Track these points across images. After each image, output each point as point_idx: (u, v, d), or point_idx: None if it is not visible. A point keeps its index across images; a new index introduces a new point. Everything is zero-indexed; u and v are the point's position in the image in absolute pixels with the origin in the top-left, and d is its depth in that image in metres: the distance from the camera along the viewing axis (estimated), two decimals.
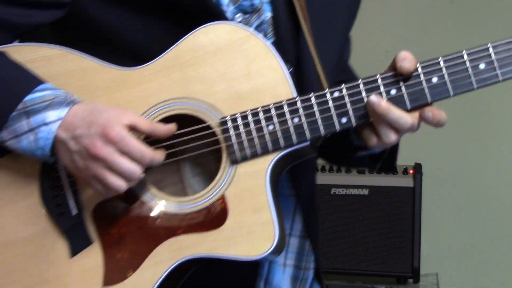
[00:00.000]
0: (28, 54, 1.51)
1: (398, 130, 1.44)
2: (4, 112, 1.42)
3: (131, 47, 1.55)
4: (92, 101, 1.49)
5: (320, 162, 2.74)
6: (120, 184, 1.40)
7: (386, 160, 1.66)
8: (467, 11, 3.73)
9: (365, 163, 1.69)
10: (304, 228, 1.70)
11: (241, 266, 1.56)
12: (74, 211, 1.48)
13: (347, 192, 3.35)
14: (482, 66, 1.42)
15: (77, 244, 1.48)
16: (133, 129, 1.43)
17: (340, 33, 1.71)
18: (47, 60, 1.52)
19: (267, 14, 1.61)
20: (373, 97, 1.42)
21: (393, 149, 1.64)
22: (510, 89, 3.61)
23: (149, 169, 1.46)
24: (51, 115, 1.41)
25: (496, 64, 1.41)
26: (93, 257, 1.48)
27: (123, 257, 1.47)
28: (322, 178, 1.78)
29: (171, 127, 1.46)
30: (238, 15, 1.59)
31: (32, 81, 1.45)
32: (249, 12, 1.59)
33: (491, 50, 1.42)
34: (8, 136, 1.43)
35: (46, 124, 1.41)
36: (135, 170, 1.40)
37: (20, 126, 1.42)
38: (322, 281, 1.77)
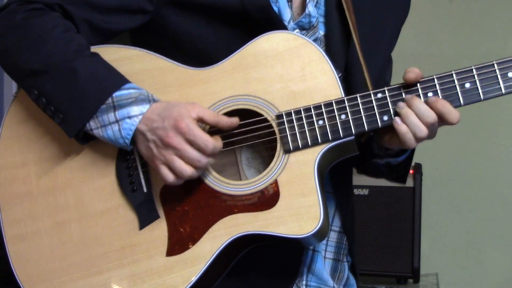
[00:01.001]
0: (112, 54, 1.74)
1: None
2: (95, 104, 1.64)
3: (200, 52, 1.77)
4: (166, 95, 1.71)
5: None
6: (186, 169, 1.60)
7: (401, 171, 1.85)
8: (467, 11, 3.78)
9: (382, 171, 1.87)
10: (341, 224, 1.88)
11: (287, 251, 1.74)
12: (145, 189, 1.69)
13: None
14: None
15: (146, 218, 1.68)
16: (200, 121, 1.64)
17: (385, 50, 1.92)
18: (129, 59, 1.75)
19: (320, 32, 1.82)
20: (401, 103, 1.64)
21: (407, 162, 1.83)
22: None
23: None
24: (135, 110, 1.64)
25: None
26: (159, 230, 1.68)
27: (185, 231, 1.67)
28: None
29: (234, 120, 1.66)
30: (296, 31, 1.81)
31: (120, 80, 1.67)
32: (306, 29, 1.81)
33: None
34: (96, 125, 1.65)
35: (130, 117, 1.63)
36: (199, 158, 1.60)
37: (107, 117, 1.64)
38: (357, 274, 1.94)
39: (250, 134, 1.70)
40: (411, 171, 3.34)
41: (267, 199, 1.64)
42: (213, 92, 1.71)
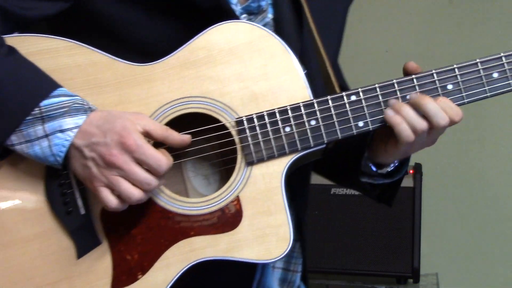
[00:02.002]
0: (32, 46, 1.45)
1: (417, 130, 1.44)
2: (17, 116, 1.36)
3: (138, 43, 1.51)
4: (103, 96, 1.45)
5: None
6: (133, 192, 1.36)
7: (386, 190, 1.67)
8: (466, 11, 3.76)
9: (365, 188, 1.69)
10: (295, 231, 1.70)
11: (238, 268, 1.55)
12: (82, 211, 1.43)
13: (347, 192, 3.36)
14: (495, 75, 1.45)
15: (85, 245, 1.43)
16: (146, 135, 1.39)
17: (338, 30, 1.73)
18: (54, 52, 1.46)
19: (269, 15, 1.61)
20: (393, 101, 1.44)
21: (396, 184, 1.66)
22: None
23: None
24: (69, 122, 1.37)
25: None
26: (101, 258, 1.43)
27: (133, 259, 1.43)
28: (322, 178, 1.77)
29: (186, 138, 1.42)
30: (244, 15, 1.58)
31: (48, 84, 1.39)
32: (254, 13, 1.58)
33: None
34: (18, 140, 1.38)
35: (62, 131, 1.37)
36: (150, 180, 1.37)
37: (34, 131, 1.37)
38: (307, 281, 1.78)
39: (204, 145, 1.47)
40: (411, 171, 3.31)
41: (228, 219, 1.43)
42: (159, 93, 1.46)
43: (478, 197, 3.77)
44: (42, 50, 1.45)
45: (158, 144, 1.43)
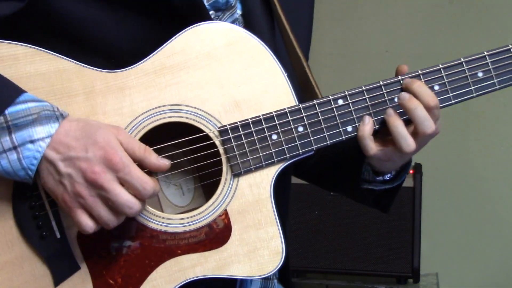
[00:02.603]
0: None
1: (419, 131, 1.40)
2: None
3: (103, 46, 1.39)
4: (72, 107, 1.32)
5: None
6: (111, 219, 1.26)
7: (384, 196, 1.63)
8: (467, 11, 3.75)
9: (364, 196, 1.64)
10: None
11: (219, 281, 1.48)
12: (58, 234, 1.31)
13: None
14: (480, 74, 1.44)
15: (62, 271, 1.31)
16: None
17: (308, 23, 1.67)
18: (13, 60, 1.32)
19: (238, 11, 1.52)
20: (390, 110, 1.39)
21: (395, 190, 1.62)
22: (510, 89, 3.62)
23: None
24: (39, 131, 1.23)
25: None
26: (81, 284, 1.32)
27: (116, 283, 1.33)
28: None
29: (163, 164, 1.31)
30: (211, 12, 1.48)
31: (13, 91, 1.25)
32: (222, 9, 1.50)
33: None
34: None
35: (32, 141, 1.23)
36: (134, 205, 1.25)
37: (0, 143, 1.22)
38: (289, 282, 1.73)
39: (186, 158, 1.37)
40: (411, 171, 3.29)
41: (216, 234, 1.35)
42: (133, 102, 1.35)
43: (478, 197, 3.81)
44: None
45: None
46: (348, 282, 3.44)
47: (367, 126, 1.39)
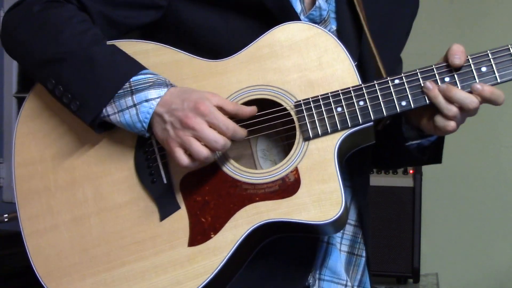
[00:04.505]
0: (128, 48, 1.74)
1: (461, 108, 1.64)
2: (112, 89, 1.64)
3: (214, 46, 1.78)
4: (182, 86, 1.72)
5: None
6: (203, 151, 1.59)
7: (433, 151, 1.85)
8: (467, 11, 3.81)
9: (413, 155, 1.87)
10: (357, 218, 1.88)
11: (302, 244, 1.74)
12: (165, 180, 1.69)
13: None
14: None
15: (167, 209, 1.68)
16: (220, 110, 1.64)
17: (396, 46, 1.95)
18: (144, 53, 1.75)
19: (332, 27, 1.84)
20: (428, 83, 1.64)
21: (440, 141, 1.84)
22: (510, 89, 3.63)
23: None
24: (153, 93, 1.64)
25: None
26: (180, 220, 1.67)
27: (207, 221, 1.66)
28: None
29: (253, 109, 1.67)
30: None
31: (137, 65, 1.68)
32: (317, 22, 1.83)
33: None
34: (113, 110, 1.65)
35: (147, 100, 1.64)
36: (219, 139, 1.59)
37: (124, 102, 1.64)
38: (369, 269, 1.95)
39: (268, 124, 1.70)
40: (411, 171, 3.36)
41: (288, 186, 1.65)
42: (229, 83, 1.72)
43: (478, 197, 3.75)
44: (135, 52, 1.74)
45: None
46: None
47: (434, 88, 1.64)
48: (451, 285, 3.78)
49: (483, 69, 1.64)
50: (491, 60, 1.64)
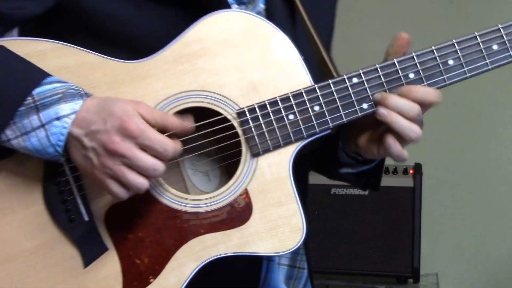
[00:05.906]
0: (18, 49, 1.38)
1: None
2: (10, 107, 1.29)
3: (127, 39, 1.45)
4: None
5: None
6: (141, 182, 1.30)
7: (371, 177, 1.65)
8: (467, 11, 3.75)
9: (350, 180, 1.67)
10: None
11: (244, 268, 1.51)
12: (86, 217, 1.37)
13: (347, 192, 3.34)
14: (495, 47, 1.44)
15: (91, 252, 1.37)
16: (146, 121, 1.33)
17: (329, 18, 1.70)
18: (42, 55, 1.40)
19: (261, 5, 1.57)
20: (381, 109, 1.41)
21: (378, 167, 1.63)
22: (510, 89, 3.62)
23: None
24: (64, 108, 1.30)
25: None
26: (110, 265, 1.37)
27: (143, 263, 1.38)
28: (322, 178, 1.73)
29: (186, 124, 1.36)
30: (235, 6, 1.53)
31: (39, 73, 1.33)
32: (245, 3, 1.55)
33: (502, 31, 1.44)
34: (14, 134, 1.31)
35: (58, 118, 1.30)
36: (158, 166, 1.30)
37: (29, 122, 1.30)
38: (312, 281, 1.75)
39: (206, 140, 1.42)
40: (411, 171, 3.30)
41: (238, 213, 1.39)
42: (154, 90, 1.41)
43: (478, 197, 3.77)
44: (28, 53, 1.38)
45: None
46: (348, 282, 3.40)
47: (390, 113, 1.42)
48: (451, 285, 3.74)
49: (450, 62, 1.44)
50: (458, 51, 1.44)
